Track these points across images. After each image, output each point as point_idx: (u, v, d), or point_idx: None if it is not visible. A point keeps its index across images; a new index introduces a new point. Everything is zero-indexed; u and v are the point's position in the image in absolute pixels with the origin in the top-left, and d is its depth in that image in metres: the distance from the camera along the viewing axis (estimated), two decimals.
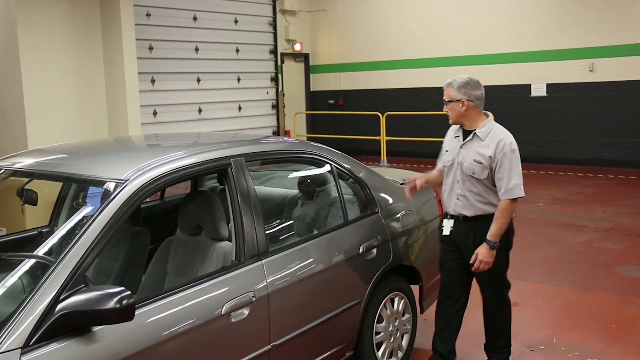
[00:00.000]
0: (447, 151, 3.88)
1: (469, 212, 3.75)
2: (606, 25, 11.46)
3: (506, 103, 12.26)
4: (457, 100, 3.68)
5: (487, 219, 3.70)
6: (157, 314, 2.64)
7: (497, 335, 4.03)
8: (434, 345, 4.05)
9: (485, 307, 4.01)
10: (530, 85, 12.48)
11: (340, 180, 3.90)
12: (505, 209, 3.62)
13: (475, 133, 3.71)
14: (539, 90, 12.42)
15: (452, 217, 3.84)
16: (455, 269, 3.90)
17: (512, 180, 3.60)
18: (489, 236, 3.63)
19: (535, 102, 12.39)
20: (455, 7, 13.20)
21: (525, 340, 4.53)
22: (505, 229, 3.66)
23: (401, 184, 4.33)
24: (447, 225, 3.86)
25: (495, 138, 3.66)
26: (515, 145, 3.67)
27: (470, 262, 3.70)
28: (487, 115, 3.78)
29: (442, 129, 4.31)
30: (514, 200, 3.62)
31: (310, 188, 4.20)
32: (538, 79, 12.37)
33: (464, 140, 3.77)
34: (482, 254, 3.64)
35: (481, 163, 3.65)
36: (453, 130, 3.91)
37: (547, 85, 12.31)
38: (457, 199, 3.77)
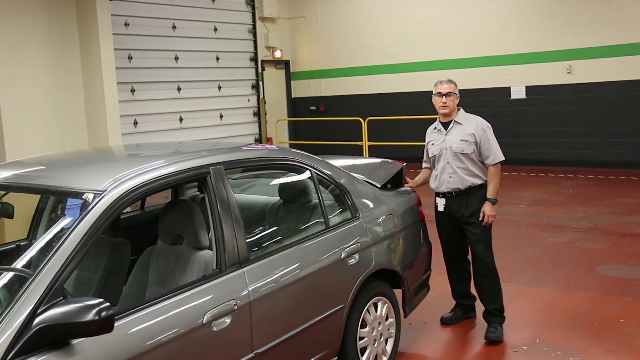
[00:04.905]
0: (432, 144, 4.76)
1: (461, 185, 4.62)
2: (583, 27, 11.59)
3: (486, 106, 12.34)
4: (457, 94, 4.67)
5: (475, 190, 4.63)
6: (138, 324, 2.62)
7: (493, 297, 4.70)
8: (454, 296, 5.03)
9: (476, 268, 4.74)
10: (509, 87, 12.58)
11: (320, 186, 3.90)
12: (495, 172, 4.62)
13: (455, 121, 4.67)
14: (518, 92, 12.52)
15: (444, 195, 4.70)
16: (453, 237, 4.81)
17: (495, 149, 4.61)
18: (488, 195, 4.59)
19: (515, 105, 12.51)
20: (434, 12, 13.28)
21: (508, 342, 4.55)
22: (498, 187, 4.61)
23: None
24: (440, 203, 4.75)
25: (472, 120, 4.67)
26: (487, 123, 4.68)
27: (480, 219, 4.59)
28: (459, 108, 4.75)
29: (423, 133, 4.72)
30: (498, 163, 4.61)
31: (291, 195, 4.20)
32: (517, 82, 12.47)
33: (446, 130, 4.68)
34: (488, 210, 4.58)
35: (467, 140, 4.59)
36: (432, 127, 4.82)
37: (527, 87, 12.42)
38: (450, 177, 4.63)
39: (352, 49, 14.58)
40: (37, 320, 2.28)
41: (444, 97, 4.63)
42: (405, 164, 4.82)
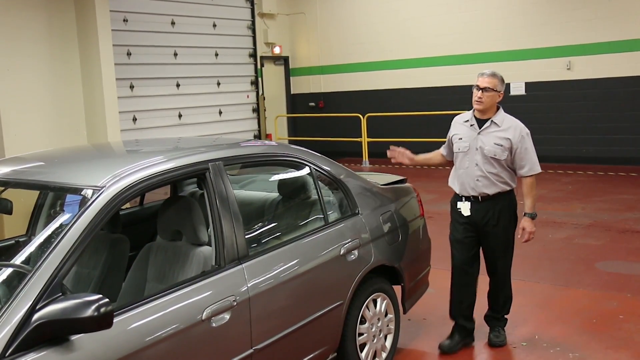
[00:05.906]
0: (461, 138, 4.30)
1: (490, 191, 4.19)
2: (582, 23, 11.58)
3: None
4: (498, 91, 4.27)
5: (502, 197, 4.23)
6: (137, 320, 2.62)
7: (503, 304, 4.46)
8: (453, 316, 4.47)
9: (495, 280, 4.42)
10: (509, 84, 12.55)
11: (320, 182, 3.90)
12: (532, 184, 4.26)
13: (492, 121, 4.25)
14: (518, 89, 12.51)
15: (467, 199, 4.26)
16: (470, 246, 4.32)
17: (532, 160, 4.23)
18: (527, 210, 4.24)
19: (515, 101, 12.46)
20: (433, 9, 13.26)
21: (507, 338, 4.55)
22: (535, 200, 4.27)
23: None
24: (465, 207, 4.27)
25: (511, 124, 4.26)
26: (527, 130, 4.29)
27: (519, 236, 4.25)
28: (498, 107, 4.34)
29: (423, 129, 4.57)
30: (534, 175, 4.25)
31: (290, 191, 4.19)
32: (517, 78, 12.44)
33: (480, 128, 4.25)
34: (528, 227, 4.24)
35: (502, 145, 4.16)
36: (462, 119, 4.38)
37: (526, 83, 12.40)
38: (478, 180, 4.20)
39: (351, 45, 14.55)
40: (36, 316, 2.28)
41: (480, 91, 4.23)
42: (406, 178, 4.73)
